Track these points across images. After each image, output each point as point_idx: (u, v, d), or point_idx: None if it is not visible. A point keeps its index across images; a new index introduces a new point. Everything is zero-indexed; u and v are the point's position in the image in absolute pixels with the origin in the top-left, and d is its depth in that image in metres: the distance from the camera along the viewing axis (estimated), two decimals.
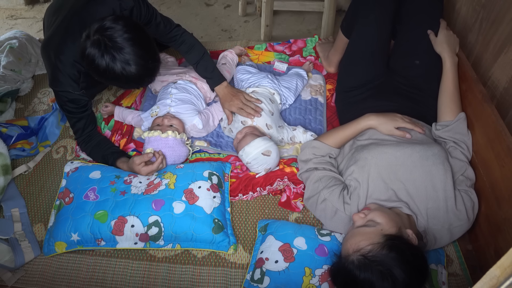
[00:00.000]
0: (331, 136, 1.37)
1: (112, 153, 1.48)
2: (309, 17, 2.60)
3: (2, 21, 2.74)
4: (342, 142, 1.37)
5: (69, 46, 1.36)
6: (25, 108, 1.83)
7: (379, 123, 1.31)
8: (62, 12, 1.44)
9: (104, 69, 1.22)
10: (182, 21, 2.62)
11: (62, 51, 1.37)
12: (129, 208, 1.28)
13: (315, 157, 1.34)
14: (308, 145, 1.38)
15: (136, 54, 1.22)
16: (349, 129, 1.36)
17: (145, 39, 1.27)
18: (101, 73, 1.24)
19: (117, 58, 1.20)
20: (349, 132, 1.36)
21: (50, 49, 1.39)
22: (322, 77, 1.83)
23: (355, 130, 1.35)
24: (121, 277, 1.26)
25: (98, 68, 1.22)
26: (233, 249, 1.29)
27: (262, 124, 1.51)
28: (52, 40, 1.40)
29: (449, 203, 1.17)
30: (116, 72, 1.22)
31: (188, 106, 1.56)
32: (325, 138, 1.37)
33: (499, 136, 1.17)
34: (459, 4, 1.59)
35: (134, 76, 1.25)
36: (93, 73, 1.27)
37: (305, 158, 1.36)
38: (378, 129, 1.31)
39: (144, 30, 1.29)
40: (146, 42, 1.27)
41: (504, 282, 0.51)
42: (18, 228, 1.36)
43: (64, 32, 1.39)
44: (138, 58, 1.22)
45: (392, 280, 0.96)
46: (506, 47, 1.27)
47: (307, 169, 1.34)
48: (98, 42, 1.20)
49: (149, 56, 1.27)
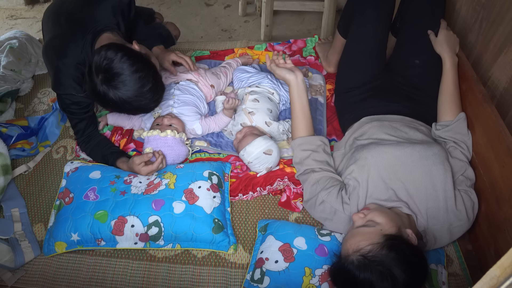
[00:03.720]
0: (298, 127, 1.39)
1: (112, 153, 1.48)
2: (309, 17, 2.61)
3: (2, 21, 2.74)
4: (309, 123, 1.39)
5: (71, 49, 1.36)
6: (25, 108, 1.83)
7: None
8: (61, 15, 1.44)
9: (112, 104, 1.30)
10: (182, 21, 2.63)
11: (65, 54, 1.37)
12: (129, 208, 1.28)
13: (311, 153, 1.34)
14: (293, 146, 1.39)
15: (140, 99, 1.29)
16: (293, 106, 1.39)
17: (151, 81, 1.30)
18: (108, 106, 1.34)
19: (123, 99, 1.27)
20: (298, 108, 1.39)
21: (52, 52, 1.39)
22: (322, 77, 1.83)
23: (294, 99, 1.39)
24: (121, 277, 1.26)
25: (108, 102, 1.30)
26: (233, 249, 1.29)
27: (261, 122, 1.51)
28: (53, 43, 1.40)
29: (449, 203, 1.17)
30: (122, 108, 1.32)
31: (191, 108, 1.56)
32: (298, 133, 1.39)
33: (499, 136, 1.17)
34: (459, 4, 1.59)
35: (136, 110, 1.38)
36: (100, 105, 1.37)
37: (298, 159, 1.37)
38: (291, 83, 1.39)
39: (150, 69, 1.33)
40: (152, 85, 1.31)
41: (504, 282, 0.51)
42: (18, 228, 1.36)
43: (64, 34, 1.39)
44: (142, 101, 1.30)
45: (392, 280, 0.96)
46: (506, 47, 1.27)
47: (304, 171, 1.34)
48: (104, 83, 1.25)
49: (153, 97, 1.34)
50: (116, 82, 1.24)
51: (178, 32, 2.10)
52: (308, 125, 1.39)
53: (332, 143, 1.52)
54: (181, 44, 2.10)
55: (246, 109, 1.54)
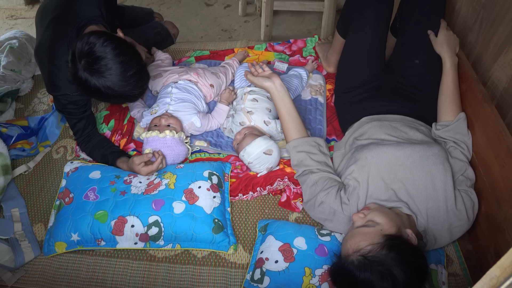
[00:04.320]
0: (289, 131, 1.40)
1: (112, 152, 1.48)
2: (309, 17, 2.61)
3: (2, 21, 2.74)
4: (299, 124, 1.40)
5: (60, 49, 1.36)
6: (25, 108, 1.83)
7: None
8: (47, 15, 1.43)
9: (93, 91, 1.25)
10: (182, 21, 2.63)
11: (55, 55, 1.37)
12: (129, 208, 1.28)
13: (307, 154, 1.34)
14: (289, 150, 1.39)
15: (123, 85, 1.25)
16: (279, 111, 1.41)
17: (134, 66, 1.27)
18: (90, 94, 1.30)
19: (105, 85, 1.23)
20: (284, 112, 1.39)
21: (43, 55, 1.39)
22: (322, 77, 1.83)
23: (278, 104, 1.40)
24: (121, 277, 1.26)
25: (88, 90, 1.25)
26: (233, 249, 1.29)
27: (260, 122, 1.51)
28: (42, 45, 1.40)
29: (449, 203, 1.17)
30: (104, 95, 1.26)
31: (188, 105, 1.56)
32: (290, 136, 1.40)
33: (499, 136, 1.17)
34: (459, 4, 1.59)
35: (120, 98, 1.34)
36: (83, 93, 1.31)
37: (296, 162, 1.37)
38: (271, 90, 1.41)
39: (134, 55, 1.29)
40: (135, 70, 1.27)
41: (504, 282, 0.51)
42: (18, 228, 1.36)
43: (52, 35, 1.38)
44: (125, 87, 1.26)
45: (392, 280, 0.96)
46: (506, 47, 1.27)
47: (302, 172, 1.34)
48: (86, 69, 1.21)
49: (137, 84, 1.29)
50: (99, 66, 1.20)
51: (177, 31, 2.10)
52: (298, 126, 1.40)
53: (332, 143, 1.52)
54: (181, 44, 2.10)
55: (245, 108, 1.54)
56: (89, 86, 1.23)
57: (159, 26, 2.02)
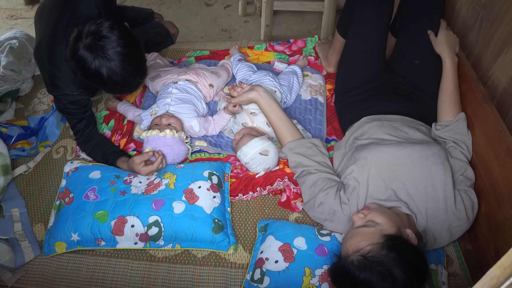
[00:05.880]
0: (283, 134, 1.41)
1: (112, 152, 1.48)
2: (309, 17, 2.61)
3: (2, 21, 2.74)
4: (291, 127, 1.41)
5: (59, 49, 1.36)
6: (25, 108, 1.83)
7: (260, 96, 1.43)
8: (46, 15, 1.43)
9: (92, 73, 1.24)
10: (182, 21, 2.63)
11: (54, 55, 1.37)
12: (129, 208, 1.28)
13: (304, 154, 1.34)
14: (286, 153, 1.40)
15: (124, 69, 1.24)
16: (269, 118, 1.43)
17: (136, 54, 1.28)
18: (89, 75, 1.26)
19: (106, 67, 1.22)
20: (273, 117, 1.41)
21: (42, 55, 1.39)
22: (322, 77, 1.83)
23: (266, 110, 1.42)
24: (121, 277, 1.26)
25: (88, 70, 1.24)
26: (233, 249, 1.29)
27: (262, 123, 1.51)
28: (41, 45, 1.40)
29: (449, 203, 1.17)
30: (103, 78, 1.24)
31: (188, 106, 1.56)
32: (284, 140, 1.40)
33: (499, 136, 1.17)
34: (459, 4, 1.59)
35: (118, 85, 1.29)
36: (80, 74, 1.29)
37: (294, 163, 1.37)
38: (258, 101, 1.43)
39: (137, 44, 1.30)
40: (137, 58, 1.28)
41: (504, 282, 0.51)
42: (18, 228, 1.36)
43: (50, 35, 1.38)
44: (125, 72, 1.25)
45: (392, 280, 0.96)
46: (506, 47, 1.27)
47: (301, 173, 1.34)
48: (90, 46, 1.21)
49: (136, 73, 1.30)
50: (104, 43, 1.20)
51: (177, 30, 2.10)
52: (290, 129, 1.41)
53: (332, 143, 1.52)
54: (180, 44, 2.10)
55: (248, 109, 1.53)
56: (89, 66, 1.22)
57: (159, 26, 2.02)
